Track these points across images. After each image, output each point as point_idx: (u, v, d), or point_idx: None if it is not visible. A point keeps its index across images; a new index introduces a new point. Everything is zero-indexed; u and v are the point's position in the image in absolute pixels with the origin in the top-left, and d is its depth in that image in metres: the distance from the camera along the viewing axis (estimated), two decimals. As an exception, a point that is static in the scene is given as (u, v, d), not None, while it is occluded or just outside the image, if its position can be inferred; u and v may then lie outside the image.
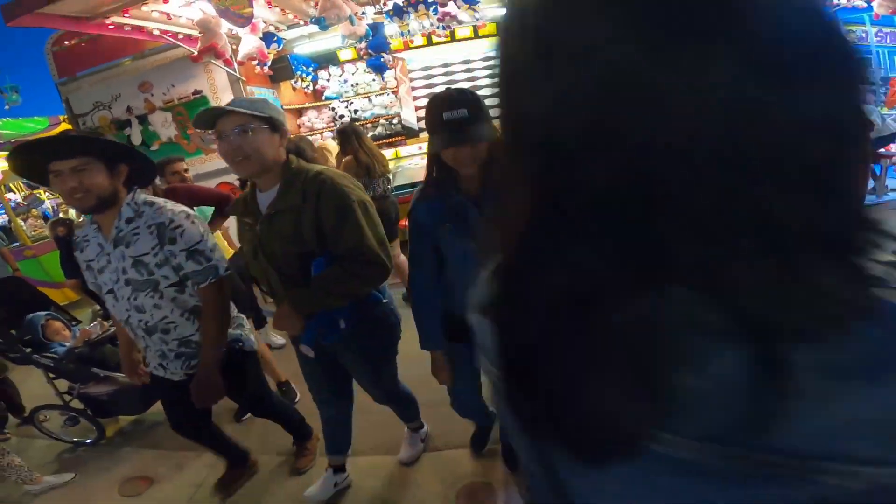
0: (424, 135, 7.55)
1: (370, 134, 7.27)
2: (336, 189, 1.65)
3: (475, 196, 1.64)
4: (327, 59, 7.57)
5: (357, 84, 7.83)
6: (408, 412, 2.41)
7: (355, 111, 7.75)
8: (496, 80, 0.38)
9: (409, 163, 6.91)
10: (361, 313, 1.84)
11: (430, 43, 7.08)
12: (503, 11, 0.37)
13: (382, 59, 7.04)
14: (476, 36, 6.98)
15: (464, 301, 1.33)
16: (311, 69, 7.35)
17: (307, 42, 6.79)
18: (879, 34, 8.95)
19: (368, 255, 1.67)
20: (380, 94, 7.87)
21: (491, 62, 8.05)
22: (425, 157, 1.79)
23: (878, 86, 7.63)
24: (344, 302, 1.74)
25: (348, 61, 7.55)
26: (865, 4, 7.61)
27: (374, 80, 7.77)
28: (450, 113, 1.49)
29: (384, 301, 1.94)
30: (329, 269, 1.66)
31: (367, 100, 7.90)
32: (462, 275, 1.64)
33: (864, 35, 8.93)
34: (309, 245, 1.67)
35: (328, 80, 7.69)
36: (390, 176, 4.46)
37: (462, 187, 1.66)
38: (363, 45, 6.32)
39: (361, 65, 7.45)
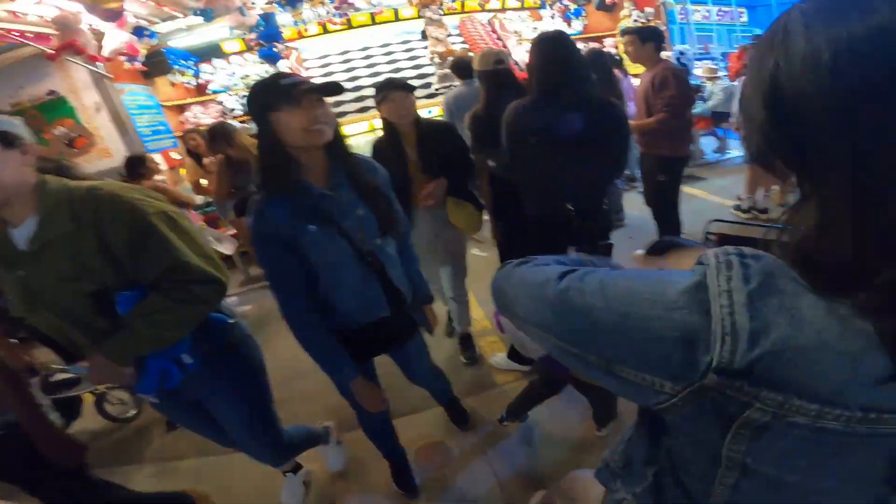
0: None
1: None
2: (122, 204, 1.31)
3: (329, 187, 1.46)
4: (210, 52, 6.93)
5: (247, 76, 7.31)
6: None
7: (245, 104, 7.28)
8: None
9: None
10: (209, 342, 1.55)
11: (325, 31, 6.76)
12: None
13: (275, 49, 6.62)
14: (373, 22, 6.80)
15: (351, 312, 1.56)
16: (191, 63, 6.68)
17: (185, 35, 6.18)
18: (720, 13, 10.16)
19: (192, 273, 1.36)
20: None
21: (389, 48, 8.02)
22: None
23: (718, 61, 8.62)
24: (182, 333, 1.44)
25: (235, 53, 6.98)
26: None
27: (266, 71, 7.30)
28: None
29: (232, 322, 1.63)
30: (146, 300, 1.34)
31: None
32: (342, 283, 1.52)
33: (707, 14, 10.09)
34: (100, 278, 1.31)
35: (213, 74, 7.06)
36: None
37: (310, 178, 1.44)
38: (253, 35, 5.87)
39: (252, 56, 6.92)
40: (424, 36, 7.38)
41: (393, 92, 2.27)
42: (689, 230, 3.26)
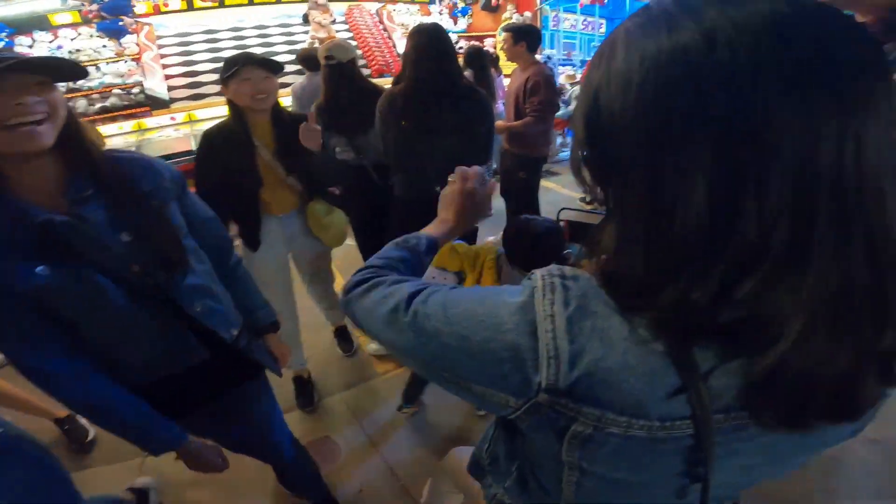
0: (177, 105, 6.61)
1: (99, 105, 5.91)
2: None
3: (64, 207, 0.97)
4: (33, 24, 5.50)
5: (78, 50, 5.98)
6: None
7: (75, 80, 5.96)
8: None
9: (159, 134, 5.80)
10: None
11: (190, 7, 5.81)
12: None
13: (121, 23, 5.48)
14: (251, 2, 6.01)
15: (148, 365, 1.14)
16: (3, 35, 5.21)
17: (3, 5, 4.81)
18: (585, 23, 11.14)
19: None
20: (114, 62, 6.22)
21: (265, 31, 7.21)
22: (178, 128, 1.56)
23: (578, 68, 9.52)
24: None
25: (67, 25, 5.62)
26: (580, -6, 9.17)
27: (104, 46, 6.05)
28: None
29: None
30: None
31: (93, 68, 6.16)
32: (119, 334, 1.06)
33: (574, 23, 10.99)
34: None
35: (31, 47, 5.62)
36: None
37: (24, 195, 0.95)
38: (94, 7, 4.79)
39: (88, 30, 5.65)
40: (306, 20, 6.79)
41: (248, 69, 1.79)
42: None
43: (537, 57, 3.38)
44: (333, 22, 6.80)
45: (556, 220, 2.50)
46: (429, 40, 2.09)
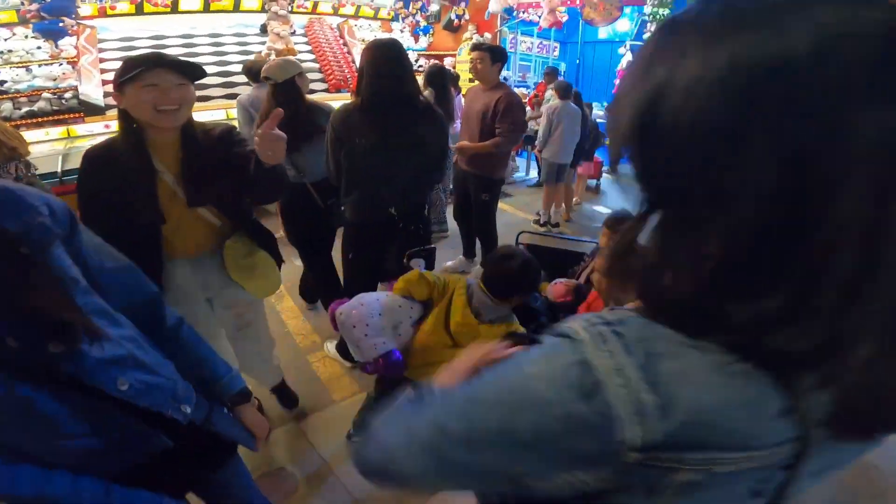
0: (113, 112, 6.20)
1: (25, 109, 5.51)
2: None
3: None
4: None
5: (10, 51, 5.55)
6: None
7: (2, 82, 5.53)
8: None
9: (91, 143, 5.40)
10: None
11: (139, 12, 5.51)
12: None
13: (61, 24, 5.13)
14: (206, 10, 5.79)
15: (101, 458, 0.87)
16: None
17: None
18: (540, 45, 11.52)
19: None
20: (47, 64, 5.82)
21: (219, 39, 6.95)
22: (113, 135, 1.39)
23: (531, 90, 9.81)
24: None
25: (2, 24, 5.21)
26: (537, 19, 9.46)
27: (39, 47, 5.64)
28: None
29: None
30: None
31: (23, 69, 5.74)
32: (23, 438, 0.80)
33: (531, 45, 11.35)
34: None
35: (-41, 44, 5.16)
36: (30, 160, 3.18)
37: None
38: (34, 7, 4.47)
39: (24, 30, 5.26)
40: (264, 30, 6.61)
41: (156, 72, 1.41)
42: (501, 241, 3.55)
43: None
44: (293, 33, 6.66)
45: (517, 243, 2.54)
46: (386, 55, 2.05)
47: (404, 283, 1.70)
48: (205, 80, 6.67)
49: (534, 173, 6.82)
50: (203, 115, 5.58)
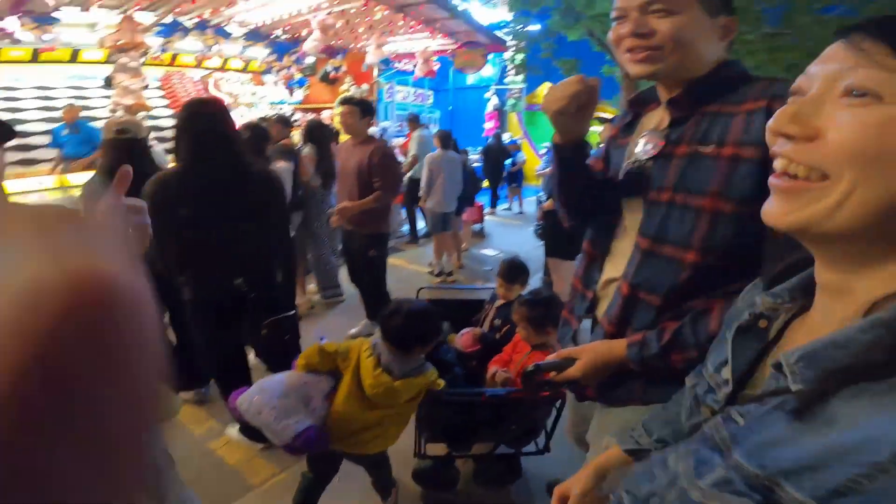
0: None
1: None
2: None
3: None
4: None
5: None
6: None
7: None
8: None
9: None
10: None
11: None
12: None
13: None
14: (35, 60, 5.06)
15: None
16: None
17: None
18: (416, 94, 11.95)
19: None
20: None
21: (49, 94, 6.06)
22: None
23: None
24: None
25: None
26: (412, 68, 9.83)
27: None
28: None
29: None
30: None
31: None
32: None
33: (407, 94, 11.72)
34: None
35: None
36: None
37: None
38: None
39: None
40: (109, 83, 5.94)
41: None
42: (398, 296, 3.38)
43: (374, 129, 3.40)
44: (146, 87, 6.08)
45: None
46: (206, 115, 1.95)
47: (304, 360, 1.68)
48: (30, 141, 5.88)
49: (421, 224, 6.80)
50: (29, 181, 4.77)
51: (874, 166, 0.38)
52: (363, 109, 3.18)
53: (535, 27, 6.44)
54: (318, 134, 3.90)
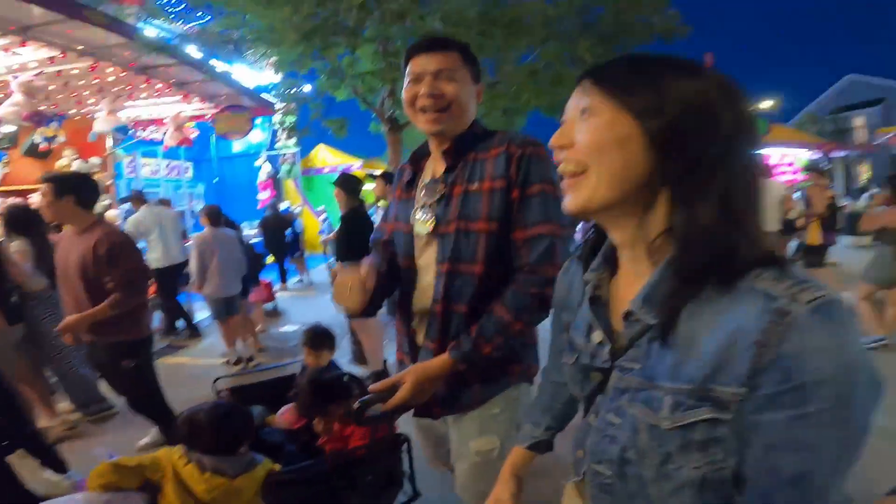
0: None
1: None
2: None
3: None
4: None
5: None
6: None
7: None
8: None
9: None
10: None
11: None
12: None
13: None
14: None
15: None
16: None
17: None
18: (169, 167, 10.41)
19: None
20: None
21: None
22: None
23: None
24: None
25: None
26: (162, 136, 8.53)
27: None
28: None
29: None
30: None
31: None
32: None
33: (157, 168, 10.10)
34: None
35: None
36: None
37: None
38: None
39: None
40: None
41: None
42: (189, 397, 2.60)
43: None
44: None
45: (216, 394, 2.20)
46: None
47: (98, 479, 1.52)
48: None
49: (203, 314, 6.00)
50: None
51: (601, 155, 0.57)
52: (59, 187, 2.40)
53: (306, 87, 6.22)
54: (26, 222, 3.14)
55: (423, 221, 1.25)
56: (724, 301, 0.52)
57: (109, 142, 7.20)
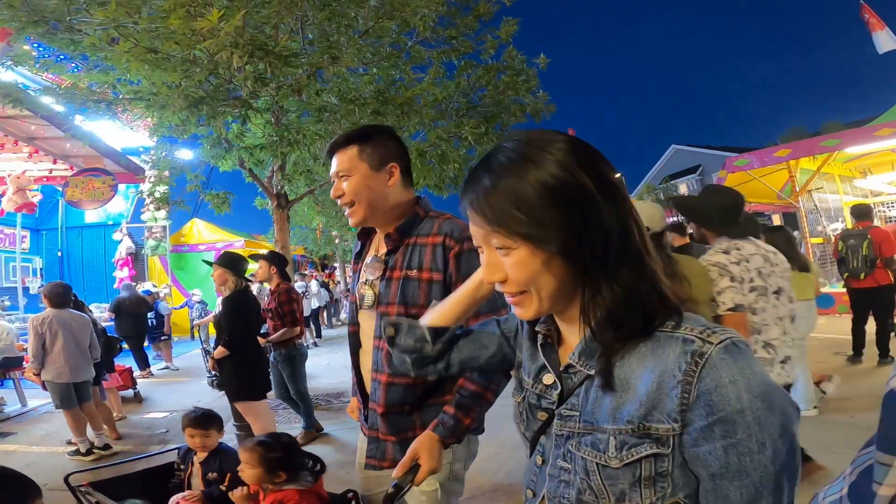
0: None
1: None
2: None
3: None
4: None
5: None
6: None
7: None
8: None
9: None
10: None
11: None
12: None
13: None
14: None
15: None
16: None
17: None
18: (3, 236, 9.07)
19: None
20: None
21: None
22: None
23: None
24: None
25: None
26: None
27: None
28: None
29: None
30: None
31: None
32: None
33: None
34: None
35: None
36: None
37: None
38: None
39: None
40: None
41: None
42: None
43: None
44: None
45: (72, 491, 2.01)
46: None
47: None
48: None
49: (42, 401, 5.36)
50: None
51: (535, 282, 0.64)
52: None
53: (185, 154, 5.91)
54: None
55: (366, 292, 1.39)
56: (650, 347, 0.60)
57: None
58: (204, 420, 2.33)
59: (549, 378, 0.72)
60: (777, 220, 10.91)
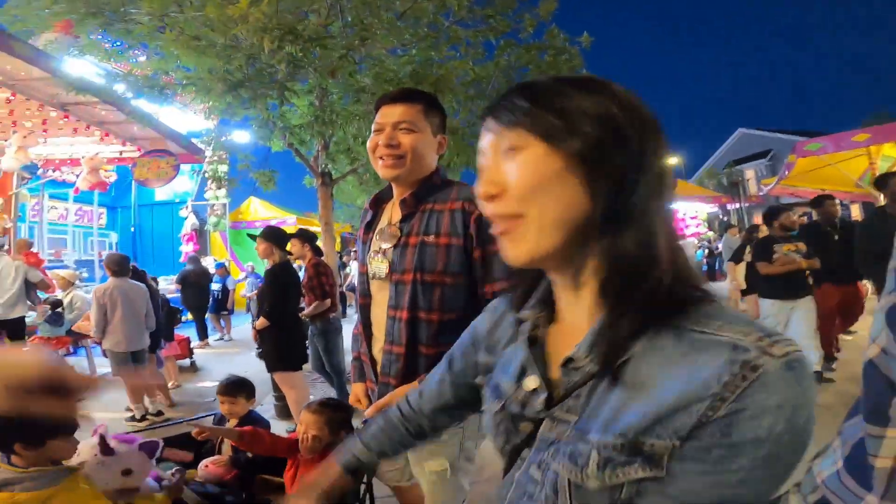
0: None
1: None
2: None
3: None
4: None
5: None
6: None
7: None
8: None
9: None
10: None
11: None
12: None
13: None
14: None
15: None
16: None
17: None
18: (79, 212, 9.98)
19: None
20: None
21: None
22: None
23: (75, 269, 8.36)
24: None
25: None
26: (74, 178, 8.23)
27: None
28: None
29: None
30: None
31: None
32: None
33: (65, 212, 9.68)
34: None
35: None
36: None
37: None
38: None
39: None
40: None
41: None
42: None
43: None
44: None
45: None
46: None
47: None
48: None
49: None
50: None
51: (540, 196, 0.53)
52: None
53: (240, 136, 6.24)
54: None
55: (378, 263, 1.39)
56: (681, 350, 0.48)
57: (14, 181, 6.92)
58: (232, 387, 2.44)
59: (532, 381, 0.60)
60: (855, 211, 10.04)
